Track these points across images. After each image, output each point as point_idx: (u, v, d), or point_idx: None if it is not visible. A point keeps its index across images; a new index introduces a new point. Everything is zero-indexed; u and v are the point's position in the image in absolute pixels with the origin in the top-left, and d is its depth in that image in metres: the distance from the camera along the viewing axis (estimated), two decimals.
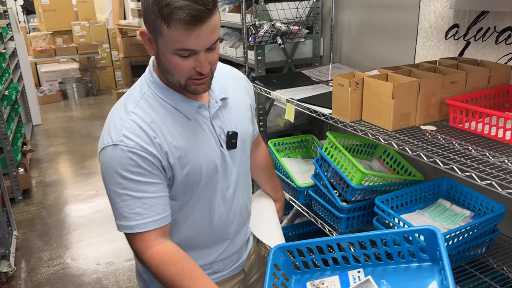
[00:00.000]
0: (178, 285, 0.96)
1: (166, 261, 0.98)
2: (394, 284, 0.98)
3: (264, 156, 1.46)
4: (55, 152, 4.83)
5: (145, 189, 0.97)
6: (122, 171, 0.95)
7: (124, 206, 0.98)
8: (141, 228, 0.98)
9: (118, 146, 0.95)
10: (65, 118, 6.21)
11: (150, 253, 0.98)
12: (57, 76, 7.42)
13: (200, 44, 0.89)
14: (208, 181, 1.07)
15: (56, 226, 3.24)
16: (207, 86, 0.99)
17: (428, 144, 1.33)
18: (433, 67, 1.62)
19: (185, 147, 1.01)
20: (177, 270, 0.97)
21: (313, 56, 2.68)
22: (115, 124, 0.98)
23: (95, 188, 3.87)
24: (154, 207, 0.98)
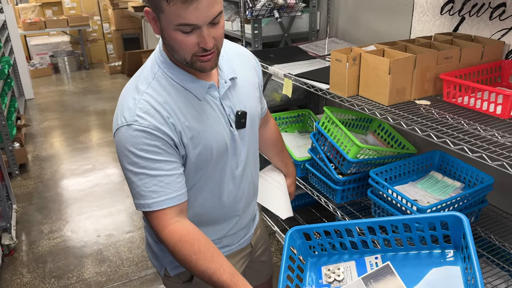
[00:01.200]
0: (193, 264, 0.98)
1: (183, 239, 0.99)
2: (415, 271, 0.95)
3: (273, 131, 1.48)
4: (49, 127, 4.83)
5: (160, 167, 0.99)
6: (137, 150, 0.97)
7: (141, 184, 0.99)
8: (158, 206, 1.00)
9: (132, 126, 0.97)
10: (58, 92, 6.16)
11: (168, 231, 1.00)
12: (48, 49, 7.30)
13: (200, 18, 0.88)
14: (219, 161, 1.09)
15: (54, 200, 3.29)
16: (213, 63, 0.98)
17: (422, 118, 1.38)
18: (428, 43, 1.65)
19: (197, 127, 1.03)
20: (193, 249, 0.99)
21: (310, 30, 2.69)
22: (128, 105, 0.99)
23: (92, 163, 3.90)
24: (170, 184, 1.00)
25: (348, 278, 1.01)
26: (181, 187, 1.03)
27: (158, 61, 1.05)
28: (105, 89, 6.25)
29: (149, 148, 0.97)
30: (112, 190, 3.40)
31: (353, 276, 1.00)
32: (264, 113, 1.37)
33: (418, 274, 0.94)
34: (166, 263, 1.23)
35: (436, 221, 0.99)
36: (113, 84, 6.46)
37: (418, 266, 0.97)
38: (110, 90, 6.19)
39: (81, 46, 7.33)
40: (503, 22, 1.62)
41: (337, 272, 1.02)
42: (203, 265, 0.98)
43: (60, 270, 2.52)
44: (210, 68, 0.99)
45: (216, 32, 0.94)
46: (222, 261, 1.00)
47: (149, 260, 2.51)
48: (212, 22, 0.91)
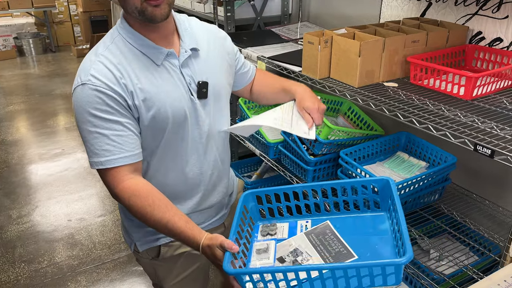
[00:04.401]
0: (149, 215, 1.01)
1: (136, 194, 1.02)
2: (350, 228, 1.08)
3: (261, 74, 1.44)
4: (15, 111, 4.67)
5: (113, 127, 1.01)
6: (91, 109, 1.00)
7: (95, 143, 1.02)
8: (111, 164, 1.02)
9: (86, 85, 1.00)
10: (23, 75, 5.95)
11: (122, 186, 1.03)
12: (12, 31, 7.00)
13: None
14: (177, 128, 1.11)
15: (22, 185, 3.21)
16: (164, 11, 1.01)
17: (390, 100, 1.43)
18: (396, 27, 1.70)
19: (151, 90, 1.05)
20: (148, 201, 1.01)
21: (282, 14, 2.70)
22: (85, 66, 1.03)
23: (61, 147, 3.82)
24: (123, 144, 1.02)
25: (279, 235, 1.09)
26: (135, 147, 1.05)
27: (119, 27, 1.09)
28: (72, 72, 6.07)
29: (102, 107, 1.00)
30: (82, 175, 3.34)
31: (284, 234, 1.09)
32: (253, 74, 1.42)
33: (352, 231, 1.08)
34: (135, 239, 1.25)
35: (368, 184, 1.11)
36: None
37: (353, 225, 1.11)
38: None
39: (47, 28, 7.07)
40: (467, 8, 1.69)
41: (271, 228, 1.10)
42: (157, 215, 1.00)
43: (30, 255, 2.48)
44: (160, 16, 1.01)
45: None
46: (176, 210, 1.03)
47: (121, 243, 2.51)
48: None
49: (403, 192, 1.57)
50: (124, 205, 1.05)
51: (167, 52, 1.08)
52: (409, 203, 1.64)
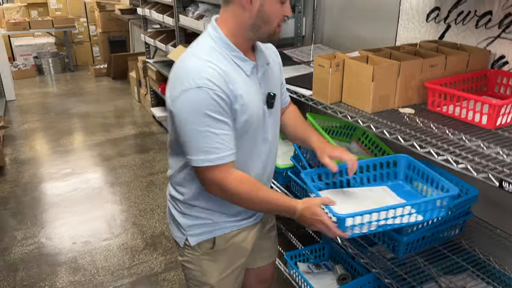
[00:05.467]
0: (254, 195, 1.17)
1: (244, 180, 1.17)
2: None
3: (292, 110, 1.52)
4: (30, 129, 4.70)
5: (222, 127, 1.12)
6: (207, 110, 1.08)
7: (205, 141, 1.11)
8: (220, 161, 1.13)
9: (202, 88, 1.08)
10: (41, 94, 6.03)
11: (232, 177, 1.16)
12: (32, 51, 7.16)
13: None
14: (253, 134, 1.24)
15: (30, 205, 3.17)
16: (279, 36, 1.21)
17: (406, 127, 1.33)
18: (413, 50, 1.61)
19: (245, 97, 1.16)
20: (255, 186, 1.18)
21: (295, 36, 2.64)
22: (194, 70, 1.10)
23: (71, 166, 3.79)
24: (229, 143, 1.14)
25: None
26: (234, 146, 1.17)
27: (214, 37, 1.17)
28: (89, 91, 6.14)
29: (215, 109, 1.09)
30: (90, 195, 3.30)
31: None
32: (287, 102, 1.51)
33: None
34: (189, 233, 1.34)
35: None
36: (98, 87, 6.35)
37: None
38: (95, 92, 6.08)
39: (67, 48, 7.20)
40: (489, 31, 1.59)
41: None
42: (262, 195, 1.18)
43: (31, 279, 2.41)
44: (279, 36, 1.20)
45: None
46: (271, 189, 1.23)
47: (125, 269, 2.42)
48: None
49: (420, 227, 1.45)
50: (231, 193, 1.17)
51: (253, 65, 1.20)
52: (428, 238, 1.52)
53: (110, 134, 4.53)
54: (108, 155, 4.02)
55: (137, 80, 5.41)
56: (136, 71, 5.39)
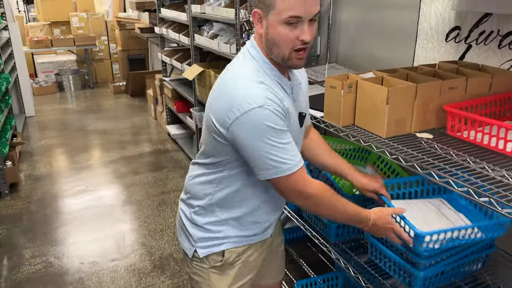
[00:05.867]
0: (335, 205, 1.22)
1: (326, 188, 1.21)
2: None
3: (316, 136, 1.53)
4: (47, 145, 4.74)
5: (288, 136, 1.15)
6: (273, 124, 1.11)
7: (278, 153, 1.12)
8: (298, 166, 1.15)
9: (264, 107, 1.09)
10: (60, 110, 6.12)
11: (315, 184, 1.19)
12: (54, 68, 7.32)
13: (307, 12, 1.05)
14: None
15: (41, 222, 3.16)
16: (305, 61, 1.14)
17: (423, 154, 1.24)
18: (432, 71, 1.53)
19: (291, 113, 1.19)
20: (333, 193, 1.23)
21: (310, 55, 2.59)
22: (251, 92, 1.11)
23: (84, 184, 3.78)
24: (296, 149, 1.17)
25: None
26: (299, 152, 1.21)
27: (255, 56, 1.18)
28: (107, 108, 6.20)
29: (279, 122, 1.12)
30: (101, 214, 3.27)
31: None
32: (308, 122, 1.50)
33: None
34: (198, 245, 1.32)
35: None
36: (116, 104, 6.41)
37: None
38: (113, 109, 6.13)
39: (87, 65, 7.33)
40: None
41: None
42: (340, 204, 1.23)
43: None
44: (302, 65, 1.15)
45: (313, 30, 1.10)
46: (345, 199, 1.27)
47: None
48: (312, 19, 1.08)
49: (439, 261, 1.34)
50: (314, 200, 1.19)
51: (289, 83, 1.22)
52: (448, 273, 1.40)
53: (125, 151, 4.52)
54: (122, 173, 4.01)
55: (154, 98, 5.44)
56: (153, 89, 5.42)
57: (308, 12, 1.05)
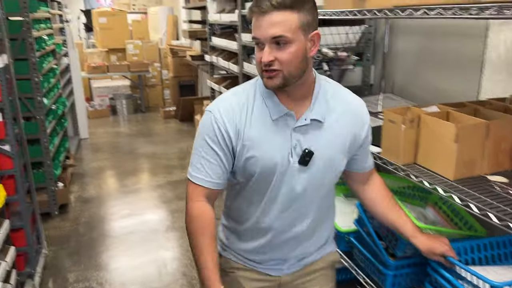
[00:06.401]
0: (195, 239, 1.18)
1: (200, 214, 1.18)
2: None
3: (379, 186, 1.35)
4: (98, 167, 4.88)
5: (210, 154, 1.16)
6: (204, 134, 1.16)
7: (195, 158, 1.18)
8: (194, 180, 1.18)
9: (210, 114, 1.16)
10: (112, 133, 6.33)
11: (192, 204, 1.19)
12: (109, 92, 7.64)
13: (263, 34, 1.04)
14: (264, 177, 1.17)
15: (87, 245, 3.19)
16: (276, 82, 1.08)
17: (498, 201, 1.09)
18: (502, 106, 1.38)
19: (257, 139, 1.14)
20: (204, 228, 1.18)
21: (362, 85, 2.48)
22: (221, 97, 1.20)
23: (131, 207, 3.82)
24: (210, 170, 1.17)
25: None
26: (217, 177, 1.18)
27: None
28: (157, 132, 6.34)
29: (211, 136, 1.15)
30: (145, 239, 3.26)
31: None
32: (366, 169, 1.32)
33: None
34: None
35: None
36: (166, 129, 6.55)
37: None
38: (162, 134, 6.26)
39: (140, 90, 7.60)
40: None
41: None
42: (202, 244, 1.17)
43: None
44: (271, 85, 1.09)
45: (281, 55, 1.05)
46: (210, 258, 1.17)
47: None
48: (276, 42, 1.04)
49: None
50: (187, 217, 1.20)
51: (286, 112, 1.14)
52: None
53: (172, 176, 4.55)
54: (167, 198, 4.01)
55: None
56: (201, 114, 5.49)
57: (264, 35, 1.05)
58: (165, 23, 8.47)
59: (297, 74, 1.08)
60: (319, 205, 1.24)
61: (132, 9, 10.00)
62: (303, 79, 1.11)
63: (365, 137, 1.23)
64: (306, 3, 1.05)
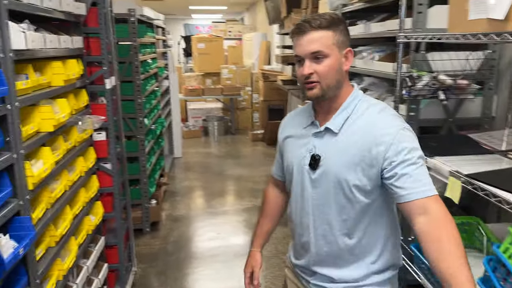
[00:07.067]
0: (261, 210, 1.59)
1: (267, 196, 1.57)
2: None
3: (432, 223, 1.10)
4: (189, 186, 5.00)
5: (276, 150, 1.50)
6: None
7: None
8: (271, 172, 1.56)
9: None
10: (203, 153, 6.51)
11: (267, 187, 1.58)
12: (202, 114, 7.95)
13: (303, 51, 1.21)
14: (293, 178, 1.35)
15: (174, 266, 3.20)
16: (316, 93, 1.22)
17: None
18: None
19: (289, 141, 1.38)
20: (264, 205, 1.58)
21: (482, 117, 2.18)
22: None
23: (218, 230, 3.80)
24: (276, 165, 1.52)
25: None
26: (276, 169, 1.52)
27: None
28: (244, 155, 6.38)
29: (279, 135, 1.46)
30: (230, 264, 3.19)
31: None
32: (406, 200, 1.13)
33: None
34: None
35: None
36: (253, 151, 6.57)
37: None
38: (249, 156, 6.29)
39: (231, 113, 7.78)
40: None
41: None
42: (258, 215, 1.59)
43: None
44: (311, 95, 1.24)
45: (319, 67, 1.21)
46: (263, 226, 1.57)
47: None
48: (314, 57, 1.20)
49: None
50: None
51: (312, 121, 1.31)
52: None
53: (257, 200, 4.49)
54: (253, 223, 3.91)
55: None
56: None
57: (305, 51, 1.20)
58: (258, 48, 8.65)
59: (334, 85, 1.22)
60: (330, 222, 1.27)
61: (228, 35, 10.43)
62: (338, 91, 1.24)
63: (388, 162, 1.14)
64: (339, 24, 1.21)
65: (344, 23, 1.23)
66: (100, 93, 2.44)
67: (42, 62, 1.79)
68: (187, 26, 14.31)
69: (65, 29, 2.07)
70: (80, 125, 2.05)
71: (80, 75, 2.12)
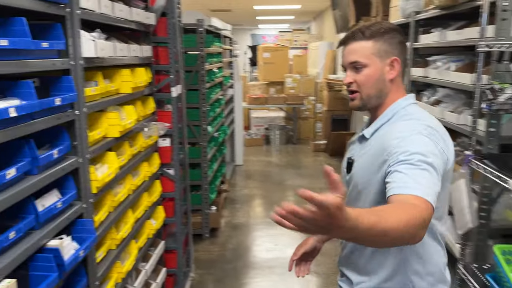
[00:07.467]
0: None
1: None
2: None
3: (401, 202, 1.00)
4: (249, 195, 5.00)
5: None
6: None
7: None
8: None
9: None
10: (264, 162, 6.50)
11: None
12: (264, 122, 7.97)
13: (345, 61, 1.27)
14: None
15: (231, 275, 3.19)
16: (356, 104, 1.27)
17: None
18: None
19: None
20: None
21: None
22: None
23: (275, 241, 3.75)
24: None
25: None
26: None
27: None
28: (305, 165, 6.28)
29: None
30: (285, 277, 3.12)
31: None
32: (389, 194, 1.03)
33: None
34: None
35: None
36: (314, 162, 6.45)
37: None
38: (310, 167, 6.18)
39: (293, 122, 7.72)
40: None
41: None
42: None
43: None
44: (352, 106, 1.29)
45: (358, 77, 1.24)
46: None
47: None
48: (354, 67, 1.24)
49: None
50: None
51: (362, 128, 1.35)
52: None
53: None
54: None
55: None
56: None
57: (346, 61, 1.26)
58: (324, 57, 8.53)
59: (374, 94, 1.24)
60: None
61: (294, 44, 10.42)
62: (380, 100, 1.25)
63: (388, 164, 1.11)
64: (384, 34, 1.22)
65: (394, 32, 1.23)
66: (166, 101, 2.50)
67: (112, 70, 1.86)
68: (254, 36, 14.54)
69: (135, 38, 2.15)
70: (145, 131, 2.11)
71: (148, 83, 2.19)
